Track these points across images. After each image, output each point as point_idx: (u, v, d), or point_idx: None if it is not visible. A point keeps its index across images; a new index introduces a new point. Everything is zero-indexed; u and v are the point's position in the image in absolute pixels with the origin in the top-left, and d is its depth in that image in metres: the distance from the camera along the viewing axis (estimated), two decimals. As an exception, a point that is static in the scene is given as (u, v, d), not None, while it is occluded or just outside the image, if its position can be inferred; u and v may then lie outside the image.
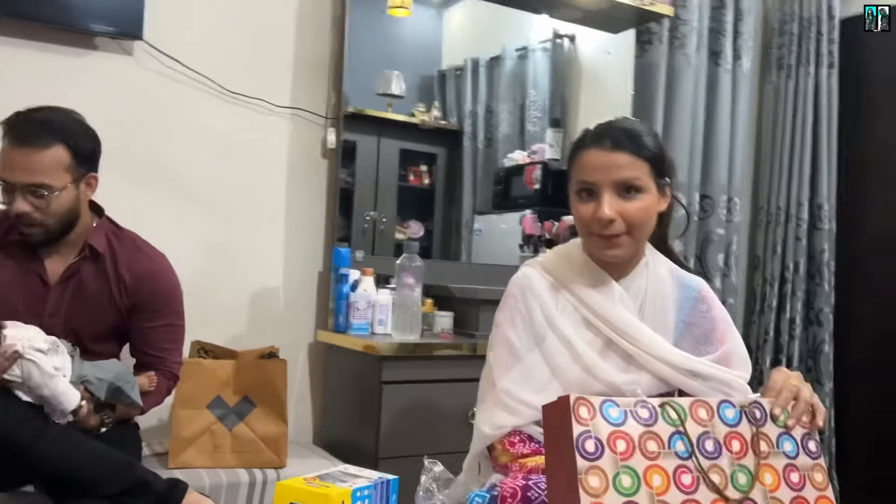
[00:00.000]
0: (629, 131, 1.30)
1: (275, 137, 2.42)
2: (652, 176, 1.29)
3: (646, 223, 1.30)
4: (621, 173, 1.27)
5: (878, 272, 3.19)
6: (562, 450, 0.96)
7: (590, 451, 0.93)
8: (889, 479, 3.06)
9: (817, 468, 1.05)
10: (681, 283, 1.39)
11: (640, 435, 0.96)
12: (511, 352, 1.33)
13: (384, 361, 2.09)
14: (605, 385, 1.27)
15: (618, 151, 1.28)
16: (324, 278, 2.47)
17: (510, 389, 1.30)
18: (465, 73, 3.43)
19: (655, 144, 1.31)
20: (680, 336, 1.35)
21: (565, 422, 0.95)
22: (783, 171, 3.25)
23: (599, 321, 1.31)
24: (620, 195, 1.27)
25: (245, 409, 2.01)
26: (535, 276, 1.38)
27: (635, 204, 1.28)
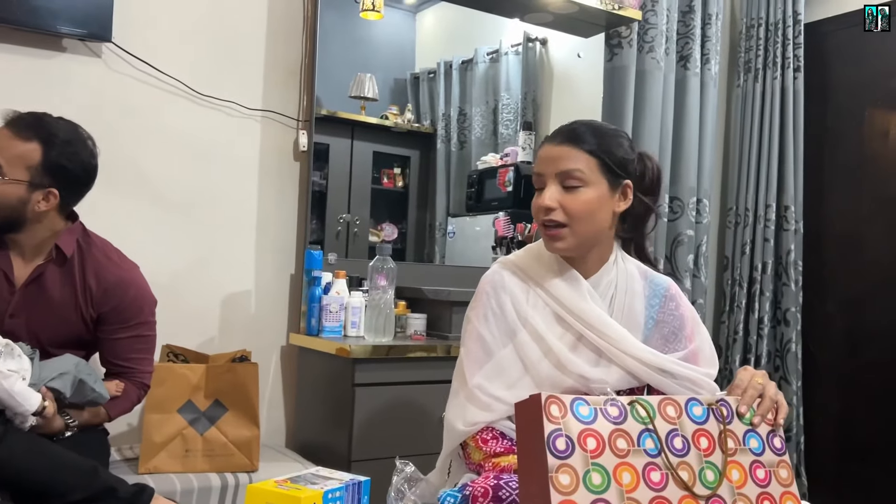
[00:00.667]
0: (587, 128, 1.34)
1: (246, 140, 2.41)
2: (600, 171, 1.31)
3: (588, 217, 1.31)
4: (563, 164, 1.31)
5: (844, 271, 3.25)
6: (533, 448, 0.97)
7: (560, 449, 0.94)
8: (857, 475, 3.12)
9: (782, 464, 1.07)
10: (650, 281, 1.41)
11: (610, 433, 0.97)
12: (483, 348, 1.35)
13: (357, 364, 2.09)
14: (577, 379, 1.30)
15: (564, 145, 1.32)
16: (296, 281, 2.46)
17: (483, 385, 1.32)
18: (437, 76, 3.44)
19: (613, 143, 1.33)
20: (649, 333, 1.37)
21: (536, 420, 0.96)
22: (751, 172, 3.30)
23: (570, 316, 1.33)
24: (564, 187, 1.31)
25: (216, 413, 1.99)
26: (506, 272, 1.41)
27: (576, 196, 1.30)
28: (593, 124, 1.37)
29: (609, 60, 2.99)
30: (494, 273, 1.42)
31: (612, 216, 1.35)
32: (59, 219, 1.71)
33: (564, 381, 1.30)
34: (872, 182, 3.17)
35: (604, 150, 1.32)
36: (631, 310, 1.37)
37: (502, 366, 1.33)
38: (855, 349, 3.19)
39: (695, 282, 3.13)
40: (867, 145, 3.21)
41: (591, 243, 1.36)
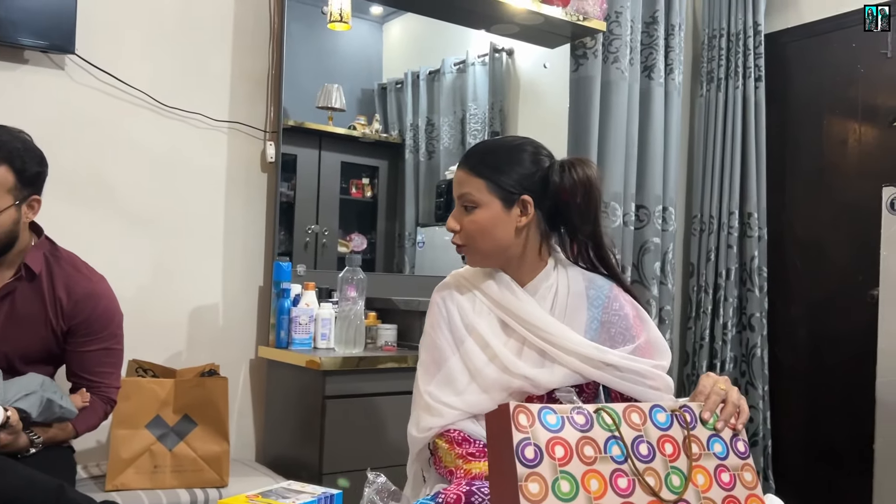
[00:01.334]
0: (479, 151, 1.43)
1: (213, 152, 2.40)
2: (490, 192, 1.37)
3: (483, 235, 1.37)
4: (459, 189, 1.39)
5: (807, 276, 3.32)
6: (503, 457, 0.98)
7: (529, 457, 0.95)
8: (824, 477, 3.17)
9: (746, 468, 1.09)
10: (591, 283, 1.45)
11: (578, 440, 0.99)
12: (435, 357, 1.42)
13: (327, 376, 2.08)
14: (523, 380, 1.34)
15: (461, 169, 1.40)
16: (265, 293, 2.45)
17: (433, 392, 1.38)
18: (405, 87, 3.44)
19: (505, 162, 1.38)
20: (596, 334, 1.40)
21: (505, 429, 0.97)
22: (714, 180, 3.35)
23: (514, 321, 1.39)
24: (464, 209, 1.39)
25: (185, 428, 1.97)
26: (454, 283, 1.48)
27: (469, 217, 1.38)
28: (489, 145, 1.47)
29: (575, 71, 3.03)
30: (443, 285, 1.49)
31: (513, 230, 1.38)
32: (28, 231, 1.70)
33: (511, 382, 1.35)
34: (832, 188, 3.24)
35: (492, 170, 1.37)
36: (574, 310, 1.40)
37: (452, 373, 1.38)
38: (819, 352, 3.25)
39: (662, 289, 3.17)
40: (827, 153, 3.28)
41: (504, 255, 1.41)
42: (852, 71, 3.18)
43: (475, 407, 1.35)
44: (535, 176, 1.39)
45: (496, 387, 1.35)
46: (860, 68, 3.15)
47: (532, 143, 1.44)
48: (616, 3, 3.00)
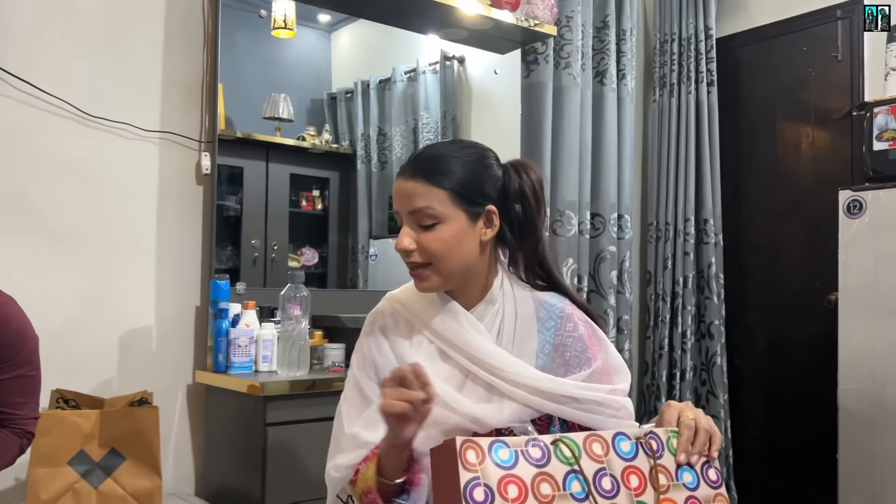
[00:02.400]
0: (432, 158, 1.23)
1: (143, 164, 2.25)
2: (454, 203, 1.21)
3: (448, 255, 1.21)
4: (414, 202, 1.21)
5: (764, 282, 3.28)
6: (449, 499, 0.87)
7: (479, 500, 0.84)
8: (785, 485, 3.12)
9: (719, 498, 1.00)
10: (541, 303, 1.31)
11: (533, 477, 0.88)
12: (361, 396, 1.27)
13: (268, 402, 1.95)
14: (465, 417, 1.18)
15: (412, 180, 1.22)
16: (201, 314, 2.30)
17: (359, 434, 1.23)
18: (355, 96, 3.38)
19: (466, 169, 1.23)
20: (549, 359, 1.26)
21: (452, 468, 0.86)
22: (669, 187, 3.30)
23: (455, 352, 1.24)
24: (419, 225, 1.21)
25: (113, 462, 1.82)
26: (388, 311, 1.33)
27: (431, 235, 1.20)
28: (441, 151, 1.26)
29: (526, 77, 2.95)
30: (377, 314, 1.34)
31: (478, 246, 1.25)
32: None
33: (450, 418, 1.18)
34: (787, 194, 3.22)
35: (455, 179, 1.21)
36: (522, 337, 1.26)
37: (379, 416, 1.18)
38: (778, 359, 3.22)
39: (619, 298, 3.10)
40: (780, 157, 3.26)
41: (463, 277, 1.26)
42: (804, 74, 3.16)
43: None
44: (497, 183, 1.26)
45: (432, 425, 1.16)
46: (811, 72, 3.14)
47: (481, 146, 1.31)
48: (566, 8, 2.93)
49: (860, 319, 2.46)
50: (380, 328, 1.31)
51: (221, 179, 2.88)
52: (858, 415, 2.46)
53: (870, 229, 2.43)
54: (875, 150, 2.44)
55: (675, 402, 1.09)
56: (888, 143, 2.41)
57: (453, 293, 1.29)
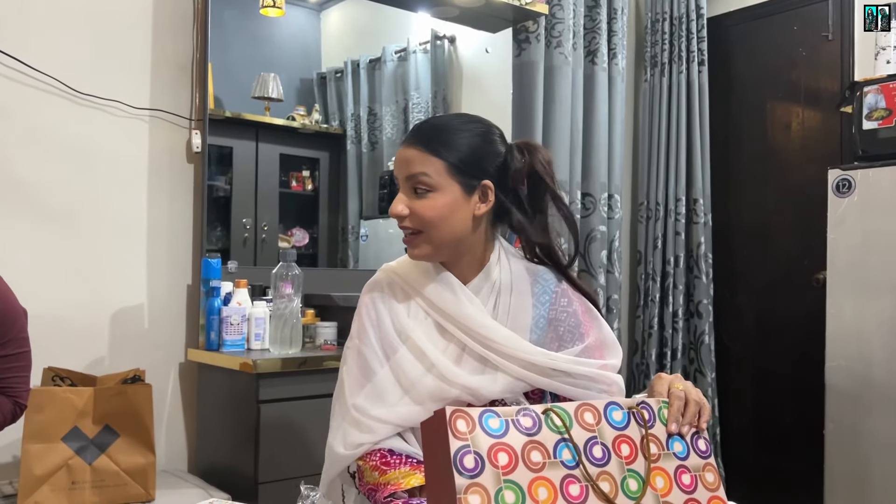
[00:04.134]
0: (435, 128, 1.25)
1: (134, 142, 2.24)
2: (450, 174, 1.21)
3: (441, 223, 1.22)
4: (410, 168, 1.22)
5: (753, 261, 3.30)
6: (440, 468, 0.88)
7: (469, 467, 0.85)
8: (772, 463, 3.16)
9: (708, 468, 1.01)
10: (537, 277, 1.31)
11: (524, 445, 0.89)
12: (363, 367, 1.26)
13: (261, 379, 1.96)
14: (461, 389, 1.21)
15: (412, 147, 1.23)
16: (193, 292, 2.30)
17: (363, 406, 1.22)
18: (345, 76, 3.36)
19: (466, 142, 1.23)
20: (542, 333, 1.27)
21: (442, 437, 0.87)
22: (660, 167, 3.31)
23: (451, 325, 1.25)
24: (414, 192, 1.22)
25: (106, 439, 1.82)
26: (385, 282, 1.32)
27: (424, 202, 1.21)
28: (445, 122, 1.27)
29: (517, 56, 2.94)
30: (374, 283, 1.33)
31: (471, 220, 1.24)
32: None
33: (449, 392, 1.21)
34: (777, 173, 3.23)
35: (453, 150, 1.22)
36: (517, 310, 1.27)
37: (382, 387, 1.23)
38: (766, 338, 3.24)
39: (609, 277, 3.11)
40: (770, 137, 3.27)
41: (455, 248, 1.26)
42: (794, 54, 3.17)
43: (408, 420, 1.21)
44: (497, 160, 1.26)
45: (432, 398, 1.20)
46: (802, 51, 3.14)
47: (487, 122, 1.30)
48: (558, -14, 2.92)
49: (848, 298, 2.48)
50: (379, 297, 1.30)
51: (211, 159, 2.87)
52: (845, 392, 2.49)
53: (859, 208, 2.45)
54: (864, 130, 2.45)
55: (666, 375, 1.10)
56: (878, 122, 2.42)
57: (449, 266, 1.29)
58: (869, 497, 2.41)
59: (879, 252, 2.41)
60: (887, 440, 2.38)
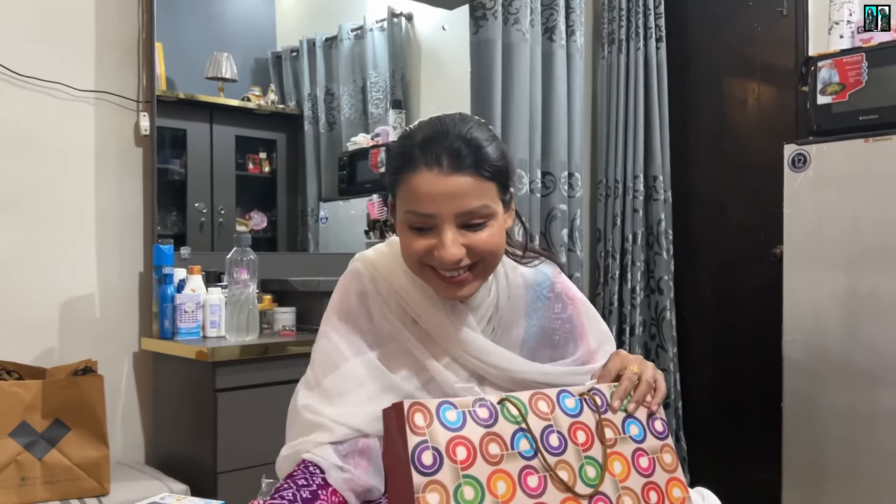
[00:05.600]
0: (470, 144, 1.01)
1: (78, 125, 2.16)
2: (499, 196, 1.05)
3: (498, 250, 1.06)
4: (465, 203, 1.00)
5: (713, 237, 3.33)
6: (398, 465, 0.86)
7: (427, 464, 0.83)
8: (733, 436, 3.21)
9: (666, 449, 1.00)
10: (529, 285, 1.19)
11: (481, 438, 0.87)
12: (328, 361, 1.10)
13: (217, 367, 1.92)
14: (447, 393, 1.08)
15: (458, 174, 0.99)
16: (145, 280, 2.24)
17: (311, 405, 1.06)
18: (301, 55, 3.30)
19: (498, 153, 1.05)
20: (534, 343, 1.16)
21: (400, 432, 0.85)
22: (619, 144, 3.31)
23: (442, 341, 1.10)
24: (465, 226, 1.02)
25: (57, 433, 1.77)
26: (367, 277, 1.14)
27: (481, 236, 1.02)
28: (471, 132, 1.03)
29: (475, 33, 2.90)
30: (356, 275, 1.15)
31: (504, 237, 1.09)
32: None
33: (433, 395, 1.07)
34: (734, 149, 3.25)
35: (496, 167, 1.03)
36: (510, 324, 1.15)
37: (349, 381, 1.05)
38: (725, 312, 3.28)
39: (570, 256, 3.11)
40: (727, 113, 3.28)
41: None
42: (750, 30, 3.17)
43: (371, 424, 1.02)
44: (512, 169, 1.10)
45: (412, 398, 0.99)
46: (757, 27, 3.15)
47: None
48: (515, -39, 2.88)
49: (804, 272, 2.51)
50: (359, 293, 1.13)
51: (165, 142, 2.81)
52: (802, 364, 2.52)
53: (814, 183, 2.47)
54: (819, 105, 2.47)
55: (625, 353, 1.07)
56: (831, 97, 2.44)
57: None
58: (825, 466, 2.46)
59: (834, 226, 2.44)
60: (842, 411, 2.42)
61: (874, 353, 2.35)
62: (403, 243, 1.05)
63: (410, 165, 1.01)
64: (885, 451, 2.33)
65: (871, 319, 2.36)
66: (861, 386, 2.38)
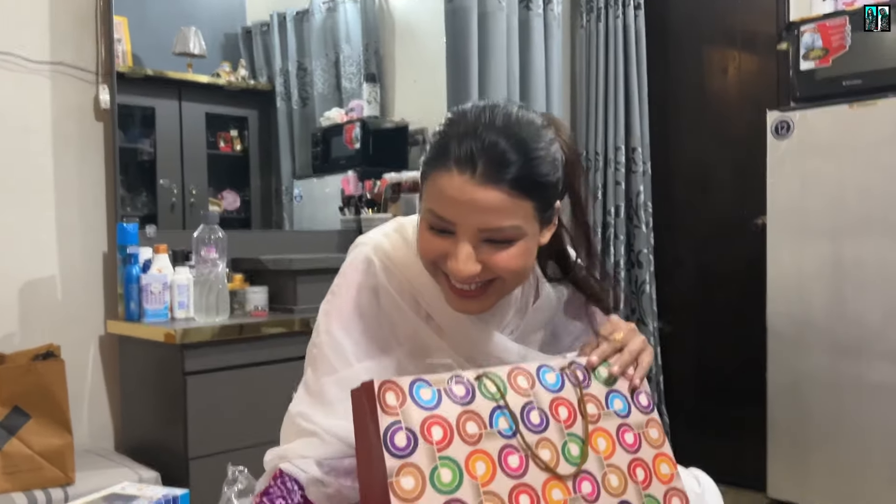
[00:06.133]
0: (517, 147, 0.87)
1: (33, 98, 2.06)
2: (536, 214, 0.90)
3: (522, 271, 0.93)
4: (493, 220, 0.87)
5: (693, 209, 3.29)
6: (369, 446, 0.80)
7: (401, 446, 0.77)
8: (714, 409, 3.19)
9: (652, 423, 0.95)
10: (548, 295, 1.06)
11: (458, 416, 0.81)
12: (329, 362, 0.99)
13: (186, 350, 1.84)
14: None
15: (493, 188, 0.85)
16: (109, 260, 2.15)
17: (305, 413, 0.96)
18: (271, 29, 3.23)
19: (551, 165, 0.90)
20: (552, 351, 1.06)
21: (371, 413, 0.79)
22: (599, 116, 3.25)
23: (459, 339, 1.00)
24: (488, 242, 0.89)
25: (16, 421, 1.70)
26: (379, 267, 1.01)
27: (503, 255, 0.90)
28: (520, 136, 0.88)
29: (450, 2, 2.82)
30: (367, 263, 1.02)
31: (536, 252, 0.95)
32: None
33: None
34: (714, 119, 3.20)
35: (540, 184, 0.89)
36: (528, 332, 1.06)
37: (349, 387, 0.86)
38: (707, 285, 3.25)
39: (551, 230, 3.06)
40: (707, 83, 3.23)
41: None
42: (730, -5, 3.12)
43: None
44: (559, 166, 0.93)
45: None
46: (737, -7, 3.09)
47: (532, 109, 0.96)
48: (490, -74, 2.80)
49: (788, 241, 2.48)
50: (372, 289, 1.01)
51: (133, 121, 2.73)
52: (786, 334, 2.50)
53: (797, 150, 2.43)
54: (802, 71, 2.42)
55: (617, 319, 1.01)
56: (814, 62, 2.39)
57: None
58: (809, 436, 2.45)
59: (818, 194, 2.40)
60: (826, 380, 2.40)
61: (859, 323, 2.33)
62: (420, 240, 0.94)
63: (442, 160, 0.88)
64: (869, 421, 2.32)
65: (856, 289, 2.33)
66: (846, 356, 2.36)
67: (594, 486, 0.86)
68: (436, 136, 0.92)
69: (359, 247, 1.05)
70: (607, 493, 0.87)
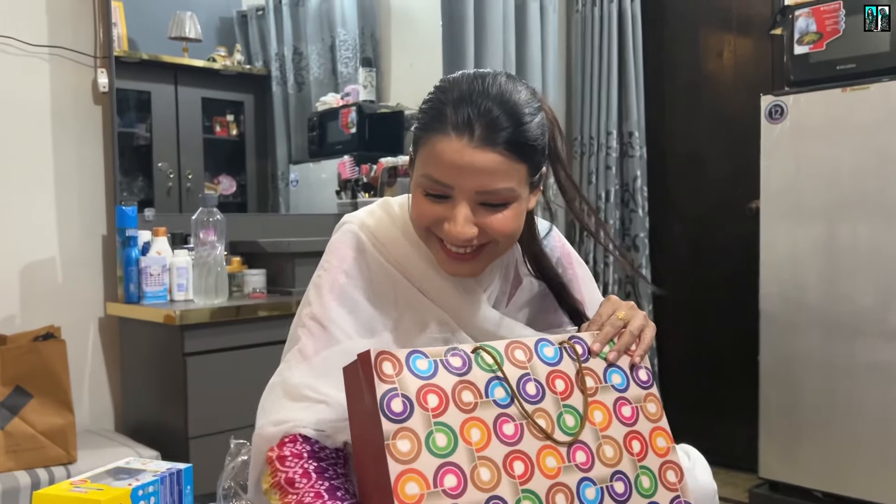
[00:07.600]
0: (509, 112, 0.91)
1: (33, 82, 2.07)
2: (528, 178, 0.95)
3: (514, 233, 0.97)
4: (489, 182, 0.90)
5: (687, 193, 3.31)
6: (365, 414, 0.82)
7: (397, 411, 0.79)
8: (712, 391, 3.22)
9: (650, 398, 0.97)
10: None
11: (454, 386, 0.83)
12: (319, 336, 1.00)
13: (186, 331, 1.87)
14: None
15: (489, 150, 0.89)
16: (109, 243, 2.17)
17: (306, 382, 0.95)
18: (267, 13, 3.21)
19: (541, 129, 0.95)
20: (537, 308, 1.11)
21: (368, 381, 0.81)
22: (593, 100, 3.26)
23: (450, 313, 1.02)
24: (483, 205, 0.93)
25: (19, 401, 1.73)
26: (367, 245, 1.03)
27: (498, 217, 0.93)
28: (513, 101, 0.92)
29: (446, -15, 2.83)
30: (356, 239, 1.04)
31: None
32: None
33: None
34: (710, 103, 3.21)
35: (534, 148, 0.93)
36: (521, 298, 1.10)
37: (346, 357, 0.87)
38: (701, 268, 3.27)
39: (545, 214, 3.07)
40: (703, 66, 3.24)
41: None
42: (725, -20, 3.12)
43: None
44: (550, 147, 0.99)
45: None
46: (733, -23, 3.10)
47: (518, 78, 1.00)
48: None
49: (781, 224, 2.50)
50: (362, 262, 1.03)
51: (129, 105, 2.73)
52: (779, 317, 2.52)
53: (791, 134, 2.44)
54: (796, 55, 2.43)
55: (616, 299, 1.02)
56: (808, 46, 2.41)
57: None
58: (801, 417, 2.47)
59: (811, 177, 2.42)
60: (819, 362, 2.43)
61: (851, 305, 2.35)
62: (414, 206, 0.96)
63: (438, 125, 0.91)
64: (862, 402, 2.35)
65: (849, 271, 2.36)
66: (838, 337, 2.38)
67: (588, 455, 0.88)
68: (428, 103, 0.95)
69: (345, 224, 1.07)
70: (601, 462, 0.89)
